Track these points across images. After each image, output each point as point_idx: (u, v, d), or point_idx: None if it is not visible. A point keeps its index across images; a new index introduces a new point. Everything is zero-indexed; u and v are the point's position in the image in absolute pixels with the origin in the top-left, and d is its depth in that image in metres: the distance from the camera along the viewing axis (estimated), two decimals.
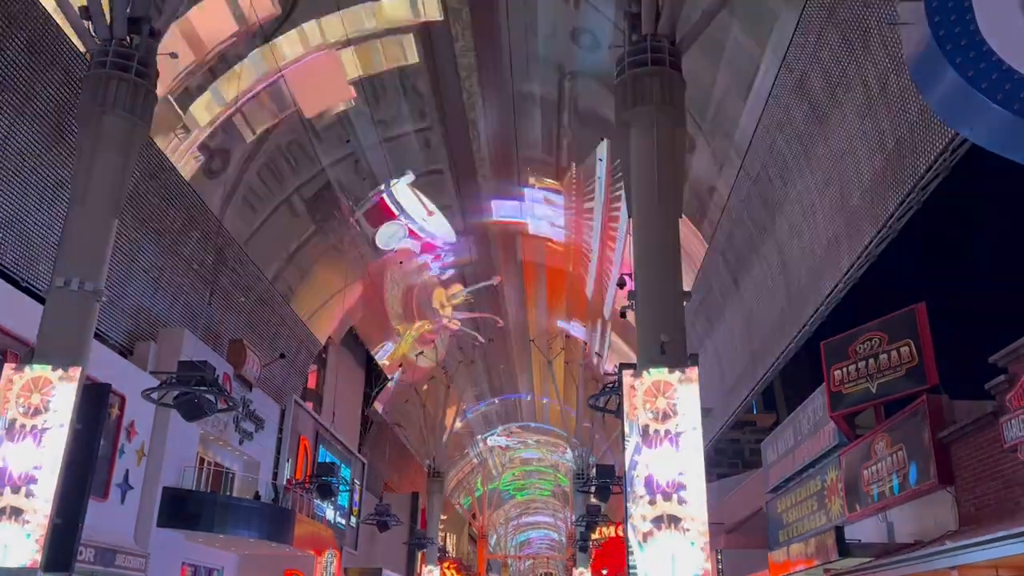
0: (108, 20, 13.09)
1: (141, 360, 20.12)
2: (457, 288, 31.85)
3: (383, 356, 37.16)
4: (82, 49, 14.79)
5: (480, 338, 36.72)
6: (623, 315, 13.71)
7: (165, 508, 20.10)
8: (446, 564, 47.70)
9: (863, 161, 14.46)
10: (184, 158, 20.60)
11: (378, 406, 41.85)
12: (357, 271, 30.15)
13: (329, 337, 34.17)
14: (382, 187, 26.37)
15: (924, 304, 14.58)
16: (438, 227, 27.69)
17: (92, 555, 16.43)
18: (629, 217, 12.73)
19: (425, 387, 42.28)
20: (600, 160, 23.47)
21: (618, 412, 12.24)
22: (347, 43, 21.21)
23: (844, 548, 13.29)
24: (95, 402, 13.04)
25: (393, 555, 39.69)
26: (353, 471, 35.99)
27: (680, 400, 11.06)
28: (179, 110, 19.75)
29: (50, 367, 11.74)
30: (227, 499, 23.18)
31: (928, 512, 12.98)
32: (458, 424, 45.62)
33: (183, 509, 20.58)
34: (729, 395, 25.77)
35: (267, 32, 19.87)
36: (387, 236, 27.78)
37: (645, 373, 11.24)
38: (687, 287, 14.15)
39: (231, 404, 16.14)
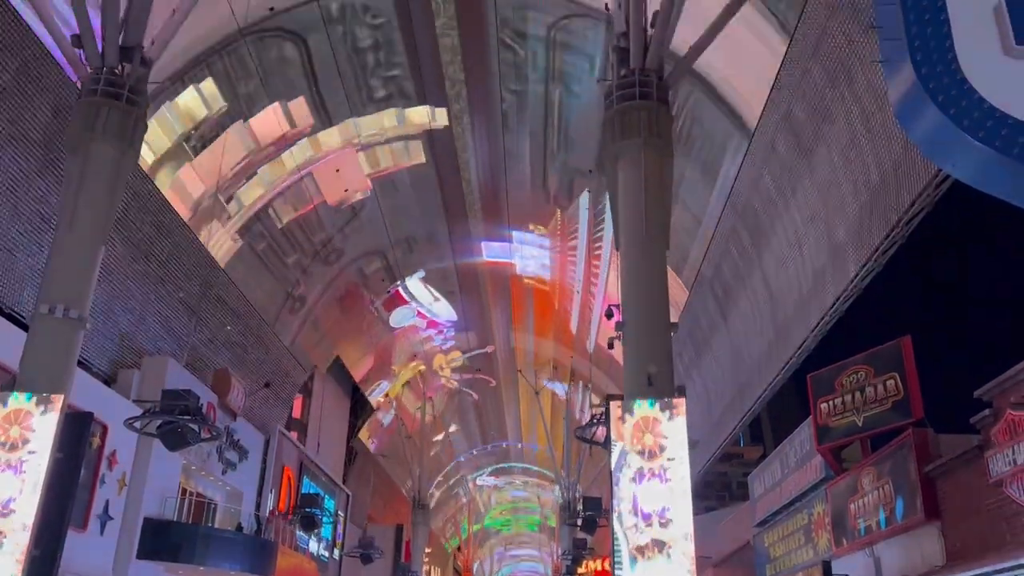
0: (100, 48, 13.14)
1: (124, 388, 19.91)
2: (456, 354, 36.93)
3: (378, 394, 38.61)
4: (73, 79, 14.83)
5: (475, 395, 41.06)
6: (611, 346, 13.73)
7: (145, 539, 19.79)
8: None
9: (848, 195, 14.62)
10: (225, 240, 23.60)
11: (371, 442, 41.90)
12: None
13: (315, 366, 34.00)
14: (398, 282, 31.41)
15: (909, 337, 14.67)
16: (442, 310, 32.99)
17: None
18: (617, 249, 12.79)
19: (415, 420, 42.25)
20: (583, 206, 24.96)
21: (605, 443, 12.19)
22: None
23: None
24: (77, 431, 12.87)
25: None
26: (337, 502, 35.61)
27: (667, 434, 11.04)
28: (223, 201, 22.24)
29: (31, 397, 11.60)
30: (209, 530, 22.86)
31: (915, 547, 12.94)
32: (446, 461, 46.78)
33: (164, 540, 20.25)
34: (716, 427, 25.74)
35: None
36: (400, 317, 33.33)
37: (634, 408, 11.23)
38: (674, 319, 14.18)
39: (215, 434, 15.99)
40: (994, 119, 4.82)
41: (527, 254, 29.18)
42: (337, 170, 24.57)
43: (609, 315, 13.69)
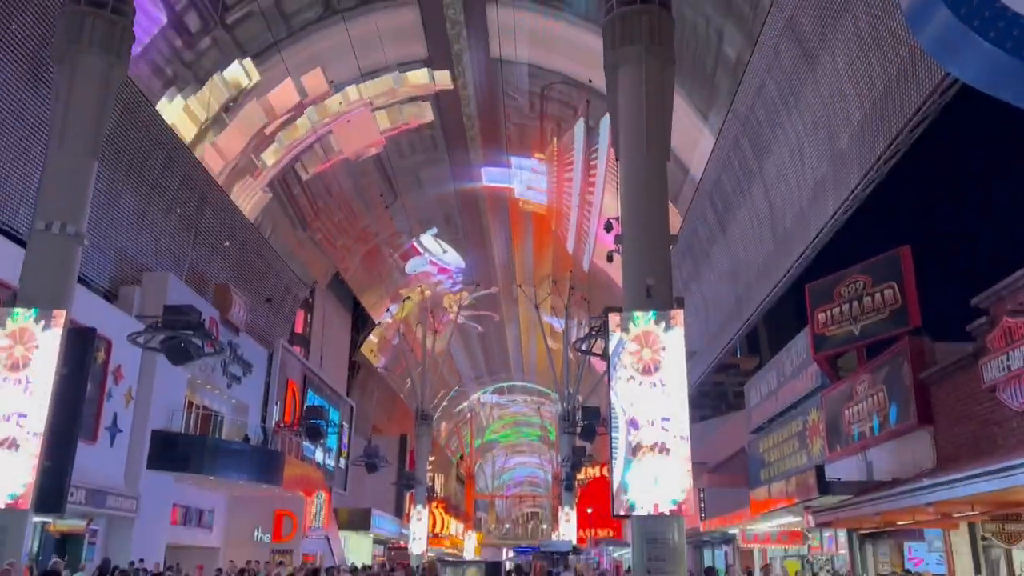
0: None
1: (126, 305, 20.03)
2: (464, 293, 41.46)
3: (388, 317, 40.89)
4: None
5: (480, 328, 45.75)
6: (610, 259, 13.73)
7: (155, 451, 20.24)
8: (434, 504, 48.49)
9: (852, 103, 14.37)
10: (255, 192, 27.05)
11: (380, 359, 42.68)
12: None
13: (315, 281, 34.14)
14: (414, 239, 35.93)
15: (908, 247, 14.62)
16: (451, 258, 37.75)
17: (83, 496, 16.58)
18: (616, 159, 12.65)
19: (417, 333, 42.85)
20: (579, 133, 25.88)
21: (604, 355, 12.34)
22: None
23: (824, 486, 13.56)
24: (80, 346, 13.02)
25: (382, 496, 40.29)
26: (341, 414, 36.30)
27: (665, 345, 11.17)
28: (253, 157, 25.58)
29: (34, 313, 11.67)
30: (216, 442, 23.36)
31: (907, 451, 13.24)
32: (452, 382, 49.68)
33: (172, 452, 20.72)
34: (714, 338, 26.02)
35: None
36: (416, 265, 38.27)
37: (632, 319, 11.32)
38: (673, 231, 14.15)
39: (218, 348, 16.18)
40: (1006, 20, 4.68)
41: (525, 179, 30.28)
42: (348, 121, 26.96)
43: (608, 228, 13.66)
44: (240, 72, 23.06)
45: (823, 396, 16.49)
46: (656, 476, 10.83)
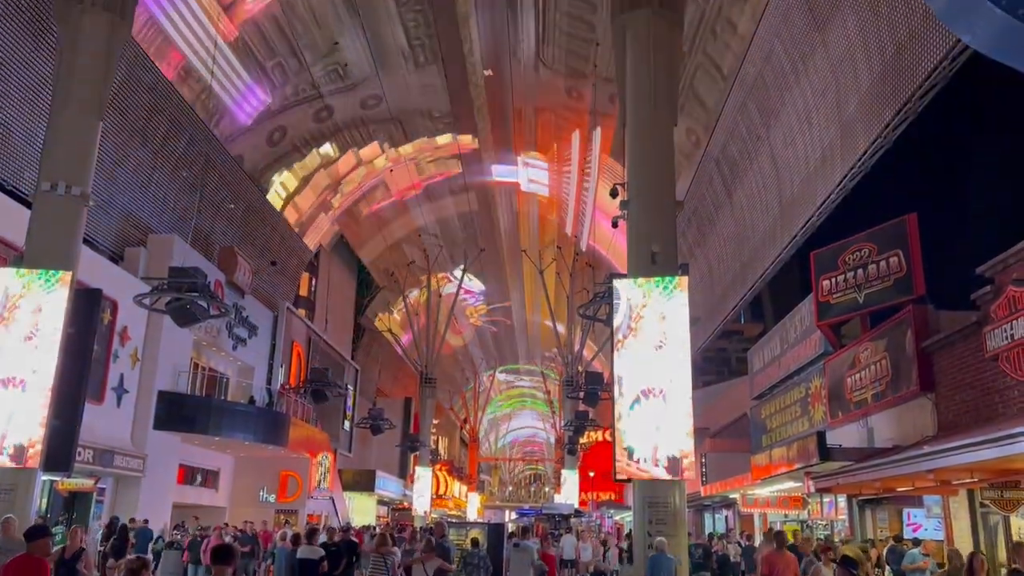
0: None
1: (132, 266, 20.09)
2: (483, 307, 52.08)
3: (412, 297, 43.64)
4: None
5: (494, 328, 55.10)
6: (615, 225, 13.68)
7: (161, 411, 20.44)
8: (438, 466, 48.92)
9: (861, 68, 14.20)
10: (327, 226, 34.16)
11: (404, 334, 44.79)
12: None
13: (320, 245, 34.15)
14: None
15: (915, 215, 14.57)
16: (474, 284, 47.27)
17: (91, 456, 16.79)
18: (623, 125, 12.56)
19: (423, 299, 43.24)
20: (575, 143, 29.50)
21: (608, 320, 12.37)
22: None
23: (825, 452, 13.65)
24: (87, 307, 13.07)
25: (386, 458, 40.70)
26: (346, 377, 36.53)
27: (669, 311, 11.19)
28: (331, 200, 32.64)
29: (41, 274, 11.71)
30: (222, 403, 23.57)
31: (908, 418, 13.30)
32: (454, 341, 51.75)
33: (179, 412, 20.92)
34: (718, 304, 26.02)
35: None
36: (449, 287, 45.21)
37: (636, 289, 11.32)
38: (679, 196, 14.08)
39: (223, 310, 16.19)
40: None
41: (530, 175, 34.61)
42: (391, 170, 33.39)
43: (614, 194, 13.58)
44: (327, 151, 29.84)
45: (826, 363, 16.54)
46: (657, 425, 10.90)
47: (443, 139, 31.88)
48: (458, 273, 42.39)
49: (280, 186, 28.94)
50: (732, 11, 17.62)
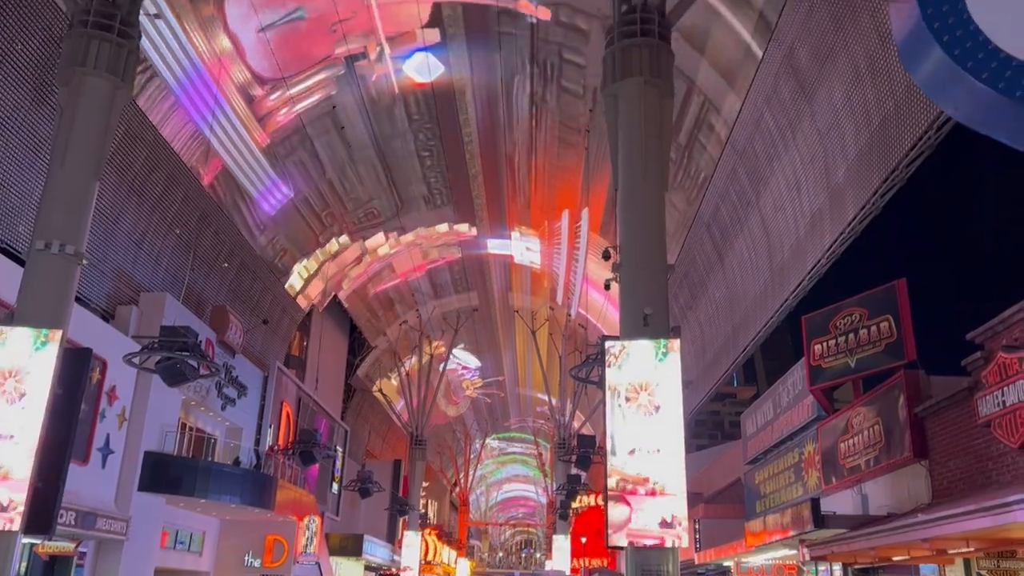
0: None
1: (123, 325, 20.01)
2: (478, 381, 54.41)
3: (408, 366, 44.43)
4: (63, 7, 14.54)
5: (488, 399, 57.93)
6: (607, 287, 13.76)
7: (146, 472, 20.11)
8: (427, 530, 48.07)
9: (849, 137, 14.50)
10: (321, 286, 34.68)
11: (399, 399, 44.15)
12: None
13: (313, 304, 34.15)
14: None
15: (904, 280, 14.70)
16: (471, 361, 50.26)
17: (73, 518, 16.45)
18: (615, 189, 12.73)
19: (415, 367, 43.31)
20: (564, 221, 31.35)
21: (600, 383, 12.33)
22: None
23: (820, 519, 13.50)
24: (76, 366, 12.97)
25: (374, 521, 39.98)
26: (336, 438, 36.13)
27: (662, 374, 11.18)
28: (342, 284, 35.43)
29: (30, 332, 11.66)
30: (209, 464, 23.21)
31: (902, 485, 13.21)
32: (451, 411, 54.84)
33: (165, 473, 20.59)
34: (710, 367, 26.00)
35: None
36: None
37: (628, 352, 11.33)
38: (671, 260, 14.19)
39: (213, 370, 16.11)
40: (998, 60, 4.76)
41: (524, 248, 36.24)
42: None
43: (606, 256, 13.70)
44: (337, 245, 32.21)
45: (819, 428, 16.48)
46: (650, 505, 10.77)
47: (442, 227, 34.51)
48: (457, 352, 45.19)
49: (298, 275, 31.25)
50: (717, 94, 18.07)
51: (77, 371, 13.01)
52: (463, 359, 49.41)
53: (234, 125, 23.16)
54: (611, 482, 10.95)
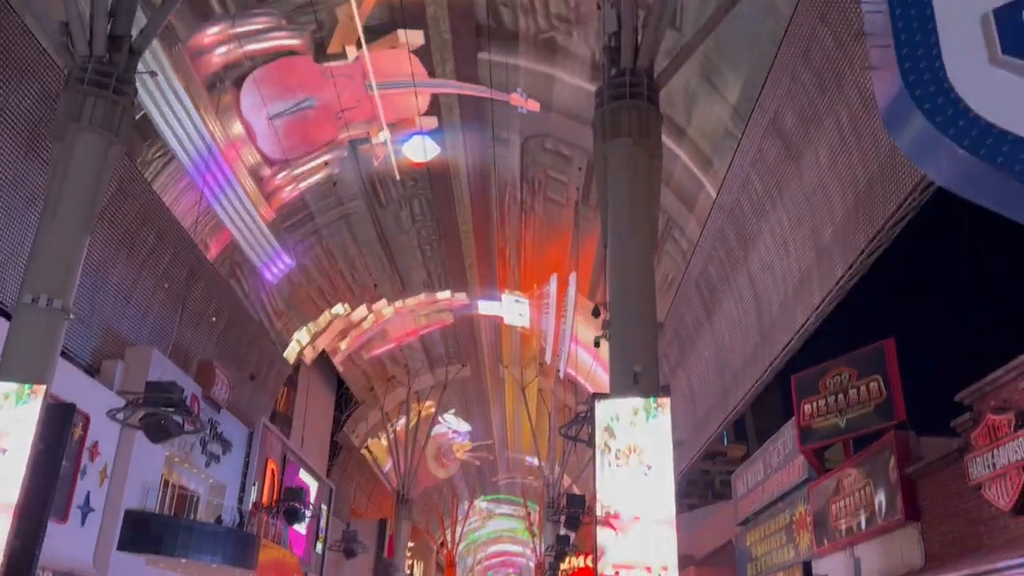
0: (88, 37, 13.02)
1: (108, 379, 19.78)
2: (468, 444, 54.81)
3: (398, 426, 44.10)
4: (60, 63, 14.73)
5: (477, 462, 58.54)
6: (597, 344, 13.73)
7: (126, 531, 19.67)
8: None
9: (835, 198, 14.69)
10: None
11: (388, 460, 44.50)
12: None
13: (301, 359, 33.94)
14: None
15: (892, 340, 14.76)
16: (461, 426, 51.22)
17: None
18: (604, 248, 12.82)
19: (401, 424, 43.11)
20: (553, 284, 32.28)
21: (590, 442, 12.22)
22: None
23: None
24: (59, 422, 12.79)
25: None
26: (320, 496, 35.52)
27: (652, 433, 11.09)
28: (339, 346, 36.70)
29: (13, 387, 11.50)
30: (190, 523, 22.74)
31: (895, 548, 13.05)
32: (441, 474, 55.26)
33: (145, 533, 20.15)
34: (700, 426, 25.83)
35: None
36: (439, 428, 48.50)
37: (618, 410, 11.26)
38: (660, 318, 14.22)
39: (198, 426, 15.93)
40: (979, 128, 4.84)
41: (514, 309, 37.32)
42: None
43: (596, 313, 13.72)
44: (330, 316, 33.79)
45: (810, 489, 16.35)
46: (640, 563, 10.58)
47: (442, 295, 36.24)
48: (447, 417, 46.68)
49: (296, 343, 32.52)
50: (706, 153, 18.38)
51: (59, 427, 12.83)
52: (453, 424, 50.21)
53: (243, 201, 24.72)
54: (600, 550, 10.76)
